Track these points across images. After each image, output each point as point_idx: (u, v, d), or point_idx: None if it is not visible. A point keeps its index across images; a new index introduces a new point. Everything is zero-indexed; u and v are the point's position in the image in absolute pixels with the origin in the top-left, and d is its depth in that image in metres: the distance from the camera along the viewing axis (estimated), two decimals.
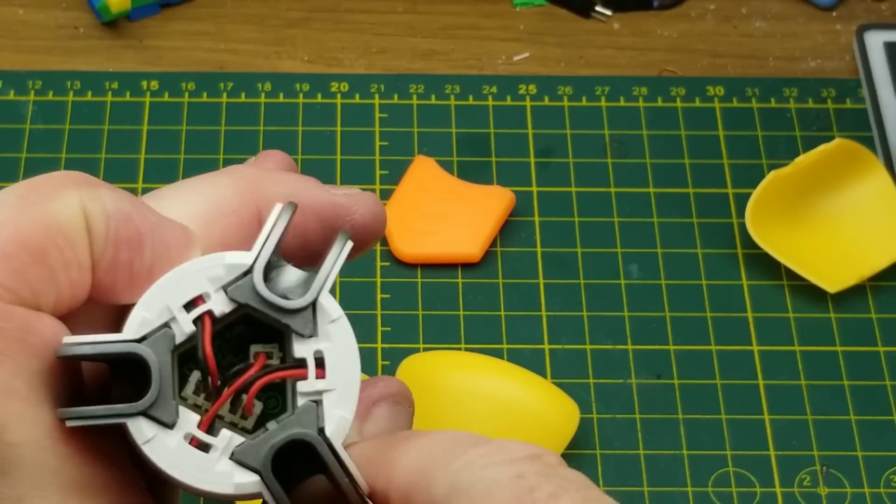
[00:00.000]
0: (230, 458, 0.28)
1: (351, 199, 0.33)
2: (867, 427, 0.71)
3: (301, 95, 0.81)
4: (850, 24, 0.86)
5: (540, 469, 0.27)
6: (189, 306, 0.28)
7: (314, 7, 0.85)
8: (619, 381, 0.72)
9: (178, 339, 0.28)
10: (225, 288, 0.28)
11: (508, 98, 0.82)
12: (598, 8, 0.86)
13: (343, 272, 0.29)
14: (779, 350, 0.73)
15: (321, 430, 0.28)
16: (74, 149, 0.78)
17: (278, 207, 0.29)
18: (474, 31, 0.85)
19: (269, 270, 0.29)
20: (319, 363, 0.28)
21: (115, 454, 0.29)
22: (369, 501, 0.29)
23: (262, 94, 0.81)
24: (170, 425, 0.28)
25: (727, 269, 0.76)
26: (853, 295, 0.75)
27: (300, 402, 0.28)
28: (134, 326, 0.28)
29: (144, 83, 0.81)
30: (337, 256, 0.29)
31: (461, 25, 0.85)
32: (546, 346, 0.73)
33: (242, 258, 0.29)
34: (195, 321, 0.28)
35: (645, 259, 0.76)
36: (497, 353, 0.72)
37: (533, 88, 0.82)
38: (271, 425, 0.28)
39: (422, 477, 0.27)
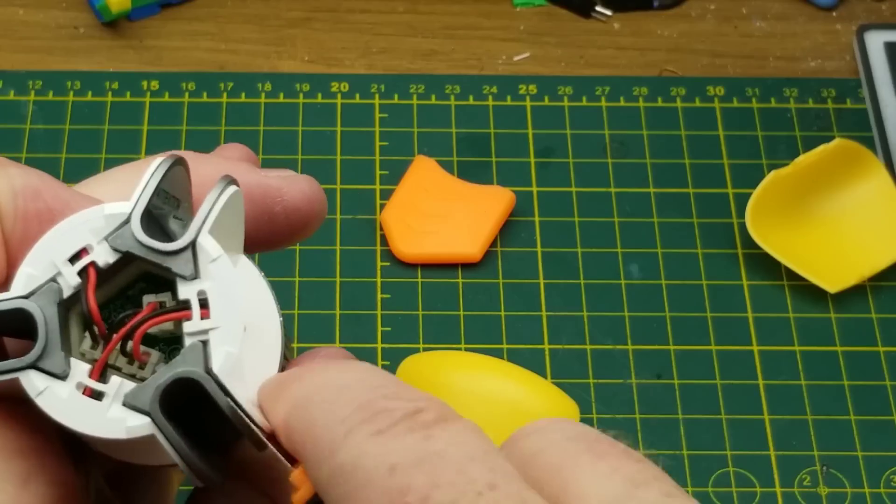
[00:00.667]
0: (122, 405, 0.28)
1: (282, 181, 0.33)
2: (867, 427, 0.71)
3: (301, 95, 0.81)
4: (851, 24, 0.86)
5: (412, 457, 0.25)
6: (74, 260, 0.28)
7: (314, 7, 0.85)
8: (619, 381, 0.72)
9: (66, 293, 0.28)
10: (107, 238, 0.28)
11: (508, 98, 0.82)
12: (598, 8, 0.86)
13: (343, 272, 0.29)
14: (779, 350, 0.73)
15: (208, 368, 0.28)
16: (74, 149, 0.78)
17: (158, 159, 0.29)
18: (474, 31, 0.85)
19: (155, 221, 0.29)
20: (203, 303, 0.28)
21: (32, 422, 0.29)
22: (266, 443, 0.28)
23: (263, 94, 0.81)
24: (61, 376, 0.28)
25: (727, 269, 0.76)
26: (853, 295, 0.75)
27: (187, 342, 0.28)
28: (21, 284, 0.28)
29: (144, 83, 0.81)
30: (216, 198, 0.29)
31: (461, 25, 0.85)
32: (546, 346, 0.73)
33: (122, 208, 0.29)
34: (80, 273, 0.28)
35: (645, 259, 0.76)
36: (497, 353, 0.72)
37: (533, 88, 0.82)
38: (160, 368, 0.28)
39: (302, 437, 0.27)
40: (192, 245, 0.28)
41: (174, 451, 0.27)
